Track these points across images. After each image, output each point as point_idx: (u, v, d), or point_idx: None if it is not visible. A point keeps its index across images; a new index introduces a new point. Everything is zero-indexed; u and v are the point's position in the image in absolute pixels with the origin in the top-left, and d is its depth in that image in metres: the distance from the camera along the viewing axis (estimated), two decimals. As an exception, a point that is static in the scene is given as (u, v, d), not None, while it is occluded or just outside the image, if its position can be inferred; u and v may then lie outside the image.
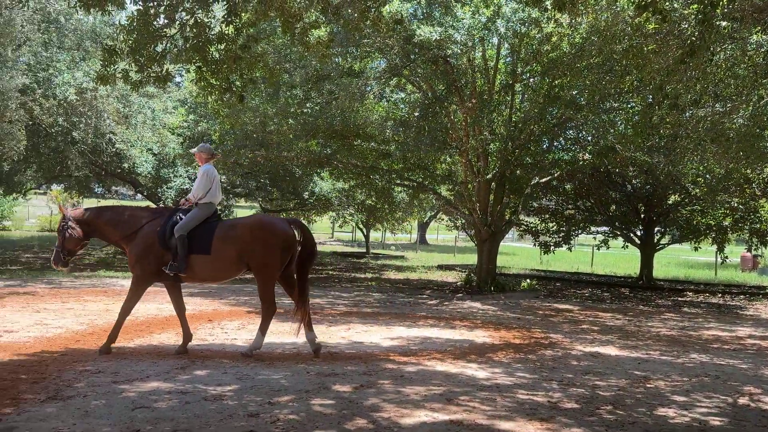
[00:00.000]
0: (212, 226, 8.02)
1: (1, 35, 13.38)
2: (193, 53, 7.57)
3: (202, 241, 7.87)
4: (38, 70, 14.54)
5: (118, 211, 8.26)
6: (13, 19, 13.55)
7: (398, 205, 26.62)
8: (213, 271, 8.01)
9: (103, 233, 8.16)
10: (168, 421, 5.35)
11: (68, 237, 7.97)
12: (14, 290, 13.43)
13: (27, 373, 6.74)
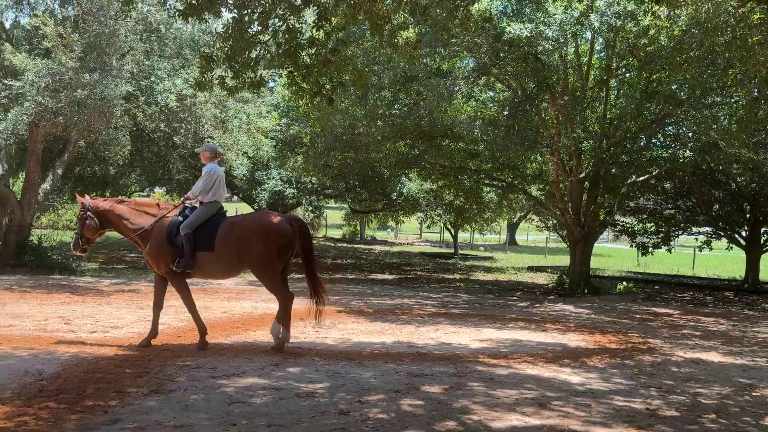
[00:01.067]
0: (216, 223, 8.22)
1: (107, 45, 14.18)
2: (285, 58, 7.76)
3: (207, 239, 8.09)
4: (141, 78, 15.29)
5: (131, 206, 8.63)
6: (117, 30, 14.32)
7: (487, 206, 26.33)
8: (218, 268, 8.28)
9: (117, 226, 8.57)
10: (263, 416, 5.51)
11: (86, 226, 8.43)
12: (119, 288, 14.19)
13: (131, 367, 7.11)
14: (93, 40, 14.02)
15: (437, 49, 15.03)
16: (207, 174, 8.39)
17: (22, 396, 5.80)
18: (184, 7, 7.41)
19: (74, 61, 13.28)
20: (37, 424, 5.07)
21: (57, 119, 13.84)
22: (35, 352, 7.61)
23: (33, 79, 13.12)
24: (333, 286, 16.67)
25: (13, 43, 14.96)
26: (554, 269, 24.08)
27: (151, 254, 8.28)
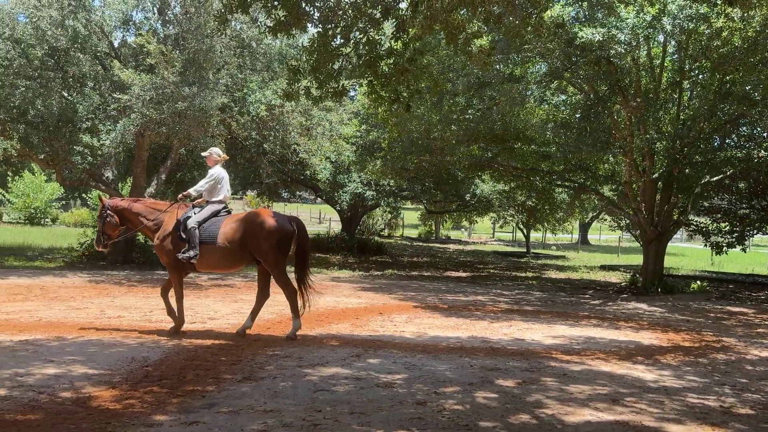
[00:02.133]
0: (220, 220, 8.58)
1: (204, 61, 14.69)
2: (365, 68, 7.83)
3: (210, 233, 8.42)
4: (234, 90, 15.74)
5: (146, 204, 8.95)
6: (213, 47, 14.82)
7: (559, 206, 25.72)
8: (220, 261, 8.53)
9: (134, 222, 8.83)
10: (345, 404, 5.58)
11: (107, 223, 8.74)
12: (216, 283, 14.67)
13: (226, 355, 7.33)
14: (192, 56, 14.55)
15: (510, 55, 14.80)
16: (211, 176, 8.81)
17: (129, 381, 6.08)
18: (274, 23, 7.59)
19: (175, 75, 13.82)
20: (142, 407, 5.30)
21: (160, 129, 14.44)
22: (141, 340, 7.97)
23: (139, 93, 13.72)
24: (409, 282, 16.70)
25: (121, 60, 15.70)
26: (627, 268, 23.28)
27: (160, 245, 8.65)
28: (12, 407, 5.12)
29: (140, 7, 16.07)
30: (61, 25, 14.33)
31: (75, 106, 14.91)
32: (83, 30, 14.67)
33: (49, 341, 7.63)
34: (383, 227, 40.34)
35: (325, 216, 47.55)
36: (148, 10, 16.19)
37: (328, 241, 26.50)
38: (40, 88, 14.41)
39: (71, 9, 14.28)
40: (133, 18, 16.32)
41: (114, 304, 10.74)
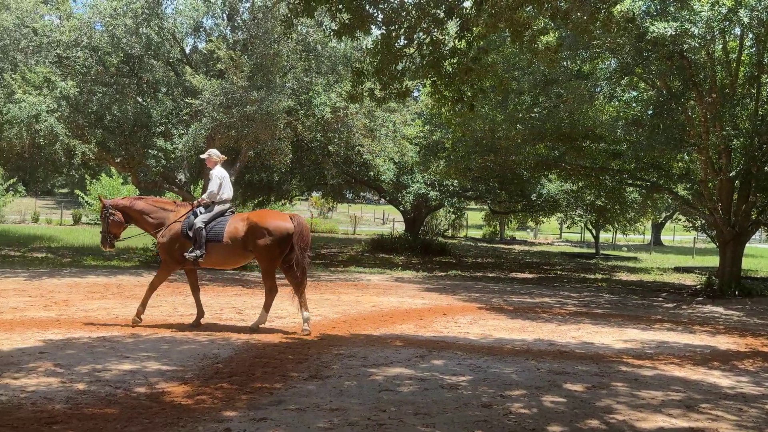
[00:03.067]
0: (226, 219, 8.85)
1: (271, 65, 14.99)
2: (429, 69, 7.81)
3: (217, 232, 8.69)
4: (300, 93, 16.00)
5: (149, 202, 9.13)
6: (280, 51, 15.10)
7: (630, 206, 24.95)
8: (225, 258, 8.84)
9: (137, 220, 9.07)
10: (410, 404, 5.57)
11: (112, 222, 8.97)
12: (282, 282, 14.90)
13: (293, 354, 7.45)
14: (260, 60, 14.88)
15: (578, 51, 14.47)
16: (216, 177, 9.02)
17: (200, 377, 6.26)
18: (338, 26, 7.67)
19: (244, 80, 14.15)
20: (213, 403, 5.45)
21: (229, 132, 14.82)
22: (212, 338, 8.19)
23: (209, 98, 14.12)
24: (473, 283, 16.55)
25: (192, 66, 16.20)
26: (702, 270, 22.35)
27: (164, 244, 8.87)
28: (90, 401, 5.36)
29: (210, 13, 16.54)
30: (135, 33, 14.91)
31: (149, 111, 15.49)
32: (156, 37, 15.22)
33: (125, 338, 7.95)
34: (447, 228, 40.13)
35: (389, 216, 47.74)
36: (217, 16, 16.65)
37: (391, 242, 26.57)
38: (116, 94, 15.03)
39: (145, 17, 14.83)
40: (203, 25, 16.82)
41: (186, 303, 11.07)
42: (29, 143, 14.07)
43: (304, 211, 45.49)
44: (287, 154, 15.62)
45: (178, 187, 17.90)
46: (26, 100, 13.43)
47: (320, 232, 37.94)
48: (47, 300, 10.71)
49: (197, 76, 14.53)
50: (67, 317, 9.19)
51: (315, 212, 46.13)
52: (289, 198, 27.89)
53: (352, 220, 42.67)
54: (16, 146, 14.16)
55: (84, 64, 14.86)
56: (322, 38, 15.69)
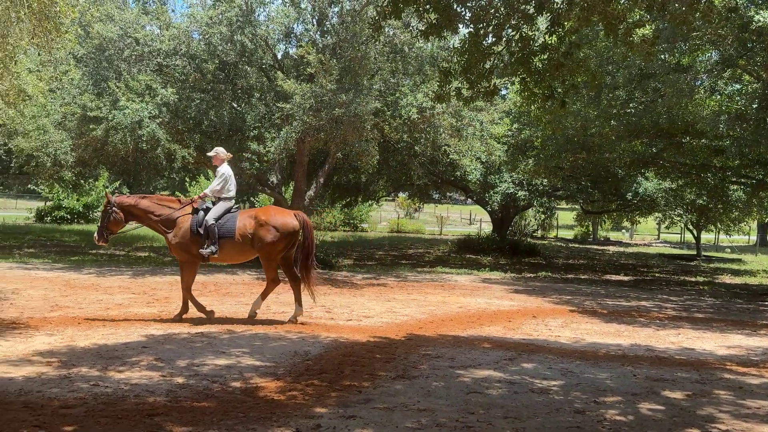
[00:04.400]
0: (235, 215, 9.17)
1: (359, 68, 15.17)
2: (518, 66, 7.66)
3: (228, 228, 9.00)
4: (387, 94, 16.10)
5: (153, 201, 9.27)
6: (368, 54, 15.26)
7: (734, 205, 23.56)
8: (235, 253, 9.18)
9: (141, 219, 9.24)
10: (499, 407, 5.49)
11: (112, 219, 9.10)
12: (369, 282, 15.10)
13: (380, 353, 7.51)
14: (348, 63, 15.09)
15: (676, 43, 13.81)
16: (222, 175, 9.27)
17: (292, 373, 6.41)
18: (425, 27, 7.66)
19: (332, 83, 14.41)
20: (304, 399, 5.57)
21: (319, 135, 15.12)
22: (303, 335, 8.38)
23: (300, 102, 14.46)
24: (565, 285, 16.12)
25: (283, 71, 16.64)
26: (816, 274, 20.81)
27: (176, 242, 9.03)
28: (188, 395, 5.60)
29: (301, 19, 16.93)
30: (230, 41, 15.48)
31: (243, 115, 16.04)
32: (250, 44, 15.73)
33: (221, 334, 8.26)
34: (536, 228, 39.32)
35: (476, 217, 47.28)
36: (308, 22, 17.02)
37: (478, 242, 26.30)
38: (212, 100, 15.65)
39: (239, 25, 15.36)
40: (294, 30, 17.24)
41: (278, 301, 11.38)
42: (133, 148, 14.88)
43: (390, 212, 45.78)
44: (374, 156, 15.75)
45: (270, 188, 18.44)
46: (130, 107, 14.22)
47: (406, 233, 38.05)
48: (149, 297, 11.30)
49: (288, 80, 14.90)
50: (168, 314, 9.66)
51: (401, 213, 46.35)
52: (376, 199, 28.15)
53: (439, 221, 42.56)
54: (120, 151, 15.00)
55: (183, 72, 15.58)
56: (409, 39, 15.73)
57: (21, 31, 9.14)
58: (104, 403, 5.23)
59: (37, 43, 9.82)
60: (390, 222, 41.56)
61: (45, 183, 22.01)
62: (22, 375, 5.96)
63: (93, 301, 10.54)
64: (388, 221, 42.38)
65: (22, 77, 12.10)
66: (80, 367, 6.29)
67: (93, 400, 5.29)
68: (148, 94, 14.75)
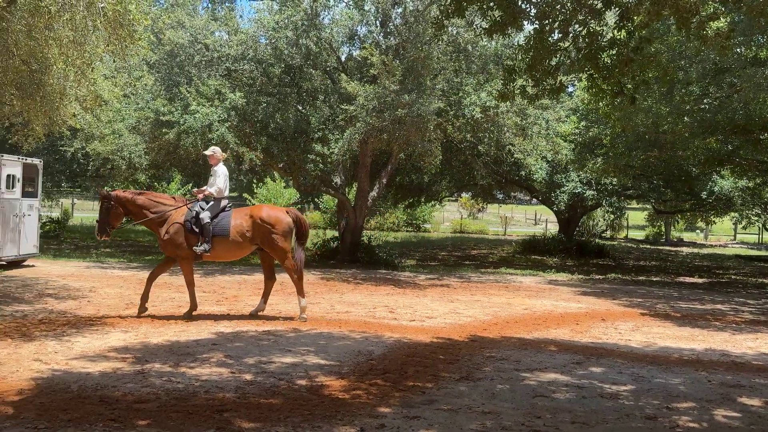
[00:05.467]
0: (229, 213, 9.29)
1: (422, 68, 15.16)
2: (585, 62, 7.49)
3: (222, 226, 9.12)
4: (450, 94, 16.03)
5: (149, 197, 9.29)
6: (431, 53, 15.23)
7: (817, 204, 22.31)
8: (228, 251, 9.33)
9: (136, 215, 9.24)
10: (566, 412, 5.38)
11: (112, 214, 9.10)
12: (433, 283, 15.05)
13: (444, 354, 7.48)
14: (411, 64, 15.11)
15: (753, 36, 13.19)
16: (223, 174, 9.47)
17: (356, 372, 6.46)
18: (489, 24, 7.58)
19: (395, 84, 14.45)
20: (368, 398, 5.60)
21: (382, 136, 15.19)
22: (366, 335, 8.43)
23: (363, 103, 14.57)
24: (635, 288, 15.64)
25: (347, 73, 16.81)
26: None
27: (168, 240, 9.07)
28: (256, 391, 5.72)
29: (364, 21, 17.06)
30: (295, 44, 15.75)
31: (308, 118, 16.29)
32: (314, 47, 15.96)
33: (287, 332, 8.41)
34: (605, 228, 38.29)
35: (541, 217, 46.44)
36: (371, 24, 17.13)
37: (544, 243, 25.82)
38: (278, 103, 15.96)
39: (304, 29, 15.61)
40: (358, 33, 17.39)
41: (342, 300, 11.51)
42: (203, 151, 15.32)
43: (453, 212, 45.52)
44: (437, 156, 15.70)
45: (334, 189, 18.65)
46: (200, 111, 14.65)
47: (470, 233, 37.76)
48: (219, 296, 11.61)
49: (352, 82, 15.04)
50: (237, 312, 9.90)
51: (465, 213, 46.01)
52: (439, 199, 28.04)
53: (503, 221, 42.05)
54: (191, 153, 15.48)
55: (250, 76, 15.95)
56: (473, 38, 15.61)
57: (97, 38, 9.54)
58: (176, 399, 5.40)
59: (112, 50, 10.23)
60: (453, 222, 41.33)
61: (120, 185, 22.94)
62: (98, 370, 6.22)
63: (165, 299, 10.92)
64: (451, 222, 42.17)
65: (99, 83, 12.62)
66: (153, 363, 6.53)
67: (165, 396, 5.48)
68: (217, 98, 15.16)
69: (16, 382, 5.72)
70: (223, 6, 17.24)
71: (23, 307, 9.52)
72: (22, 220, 13.90)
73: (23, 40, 9.19)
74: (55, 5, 8.32)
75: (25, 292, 11.09)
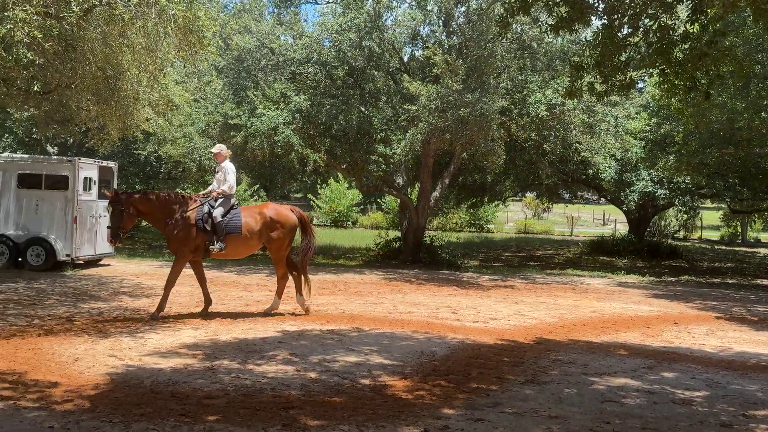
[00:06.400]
0: (238, 211, 9.36)
1: (486, 67, 15.01)
2: (656, 57, 7.25)
3: (234, 225, 9.18)
4: (515, 92, 15.82)
5: (159, 197, 9.14)
6: (494, 52, 15.08)
7: None
8: (239, 249, 9.43)
9: (147, 215, 9.15)
10: (636, 418, 5.22)
11: (127, 216, 8.90)
12: (497, 284, 14.88)
13: (508, 356, 7.38)
14: (474, 63, 15.00)
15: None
16: (232, 171, 9.48)
17: (419, 373, 6.46)
18: (555, 21, 7.44)
19: (458, 83, 14.37)
20: (432, 399, 5.59)
21: (444, 136, 15.13)
22: (429, 336, 8.42)
23: (425, 103, 14.55)
24: (710, 290, 15.04)
25: (409, 73, 16.82)
26: None
27: (179, 237, 8.96)
28: (321, 390, 5.79)
29: (427, 21, 17.04)
30: (358, 46, 15.87)
31: (371, 119, 16.39)
32: (377, 49, 16.04)
33: (350, 332, 8.48)
34: (677, 229, 36.95)
35: (609, 217, 45.21)
36: (434, 23, 17.10)
37: (613, 244, 25.13)
38: (342, 104, 16.12)
39: (367, 30, 15.71)
40: (420, 33, 17.38)
41: (405, 301, 11.52)
42: (269, 153, 15.64)
43: (517, 213, 44.88)
44: (501, 155, 15.51)
45: (396, 190, 18.69)
46: (266, 114, 14.96)
47: (534, 234, 37.15)
48: (284, 294, 11.81)
49: (414, 82, 15.04)
50: (302, 311, 10.05)
51: (529, 213, 45.29)
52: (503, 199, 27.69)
53: (569, 221, 41.16)
54: (258, 156, 15.83)
55: (314, 79, 16.18)
56: (538, 35, 15.36)
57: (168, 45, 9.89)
58: (244, 395, 5.53)
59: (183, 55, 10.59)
60: (517, 223, 40.74)
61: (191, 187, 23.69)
62: (170, 366, 6.44)
63: (234, 297, 11.20)
64: (515, 222, 41.59)
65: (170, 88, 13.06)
66: (222, 360, 6.71)
67: (234, 392, 5.62)
68: (283, 101, 15.44)
69: (92, 377, 5.98)
70: (289, 11, 17.53)
71: (99, 305, 9.95)
72: (98, 221, 14.52)
73: (99, 47, 9.62)
74: (128, 13, 8.66)
75: (101, 290, 11.60)
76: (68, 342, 7.39)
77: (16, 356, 6.64)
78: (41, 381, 5.78)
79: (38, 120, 14.85)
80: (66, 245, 13.66)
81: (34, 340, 7.41)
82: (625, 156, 19.46)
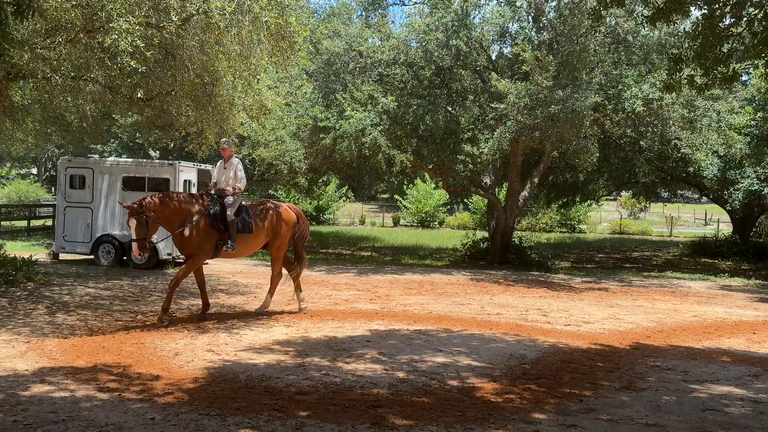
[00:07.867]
0: (247, 210, 9.26)
1: (578, 62, 14.61)
2: (762, 47, 6.83)
3: (245, 223, 9.10)
4: (608, 88, 15.29)
5: (172, 198, 8.80)
6: (587, 46, 14.64)
7: None
8: (249, 247, 9.40)
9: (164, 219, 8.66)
10: (741, 428, 4.94)
11: (152, 225, 8.50)
12: (590, 286, 14.43)
13: (603, 361, 7.15)
14: (565, 58, 14.63)
15: None
16: (242, 166, 9.40)
17: (508, 376, 6.37)
18: (652, 12, 7.16)
19: (548, 80, 14.05)
20: (521, 403, 5.49)
21: (533, 134, 14.83)
22: (519, 338, 8.28)
23: (514, 101, 14.32)
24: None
25: (497, 71, 16.60)
26: None
27: (193, 239, 8.68)
28: (409, 389, 5.82)
29: (516, 18, 16.78)
30: (446, 46, 15.83)
31: (458, 118, 16.31)
32: (465, 47, 15.95)
33: (438, 332, 8.47)
34: (788, 229, 34.55)
35: (712, 217, 42.88)
36: (523, 20, 16.81)
37: (715, 245, 23.84)
38: (428, 105, 16.14)
39: (455, 29, 15.64)
40: (509, 29, 17.13)
41: (493, 302, 11.38)
42: (357, 154, 15.87)
43: (611, 212, 43.35)
44: (593, 153, 15.04)
45: (483, 190, 18.50)
46: (354, 116, 15.19)
47: (630, 234, 35.77)
48: (372, 294, 11.95)
49: (502, 80, 14.84)
50: (389, 310, 10.14)
51: (624, 213, 43.66)
52: (595, 198, 26.82)
53: (668, 221, 39.34)
54: (346, 157, 16.09)
55: (401, 80, 16.27)
56: (633, 27, 14.79)
57: (261, 51, 10.22)
58: (333, 392, 5.65)
59: (275, 61, 10.92)
60: (611, 223, 39.35)
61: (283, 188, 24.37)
62: (264, 362, 6.66)
63: (323, 296, 11.43)
64: (609, 222, 40.19)
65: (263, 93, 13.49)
66: (313, 357, 6.87)
67: (324, 389, 5.74)
68: (370, 103, 15.62)
69: (191, 371, 6.27)
70: (377, 13, 17.71)
71: (198, 302, 10.40)
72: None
73: (196, 55, 10.07)
74: (223, 21, 9.02)
75: (200, 287, 12.12)
76: (169, 337, 7.79)
77: (122, 350, 7.06)
78: (144, 374, 6.12)
79: (141, 125, 15.74)
80: (167, 244, 14.36)
81: (137, 335, 7.85)
82: (728, 152, 18.41)
